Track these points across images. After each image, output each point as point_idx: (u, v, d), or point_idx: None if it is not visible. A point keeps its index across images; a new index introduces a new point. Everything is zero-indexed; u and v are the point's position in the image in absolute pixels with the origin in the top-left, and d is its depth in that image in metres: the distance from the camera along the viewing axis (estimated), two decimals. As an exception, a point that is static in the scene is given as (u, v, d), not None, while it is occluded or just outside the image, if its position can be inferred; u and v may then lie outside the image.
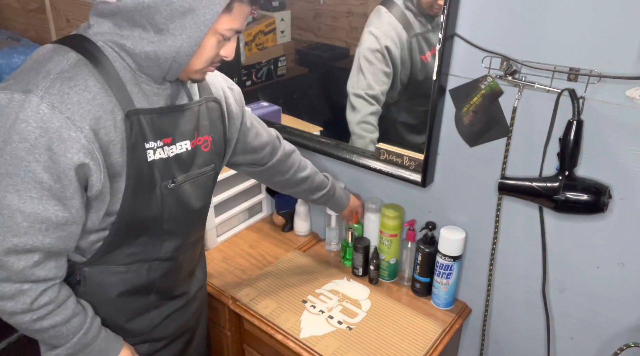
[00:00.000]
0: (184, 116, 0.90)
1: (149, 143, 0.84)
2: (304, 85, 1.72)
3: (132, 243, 0.91)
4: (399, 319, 1.28)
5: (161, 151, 0.86)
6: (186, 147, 0.91)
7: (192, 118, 0.92)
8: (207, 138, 0.96)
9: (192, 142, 0.92)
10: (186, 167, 0.92)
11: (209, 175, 1.00)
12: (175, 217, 0.93)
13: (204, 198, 1.00)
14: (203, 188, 0.99)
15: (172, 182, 0.89)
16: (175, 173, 0.90)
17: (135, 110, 0.80)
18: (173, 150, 0.89)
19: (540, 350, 1.26)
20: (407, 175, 1.29)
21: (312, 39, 1.58)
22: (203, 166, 0.97)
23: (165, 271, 0.99)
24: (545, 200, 1.05)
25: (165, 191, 0.89)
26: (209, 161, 0.98)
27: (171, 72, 0.81)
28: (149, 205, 0.88)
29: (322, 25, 1.52)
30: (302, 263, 1.49)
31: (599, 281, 1.10)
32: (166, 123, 0.87)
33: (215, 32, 0.79)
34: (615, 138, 0.98)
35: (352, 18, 1.42)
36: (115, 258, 0.91)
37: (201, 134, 0.94)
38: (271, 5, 1.59)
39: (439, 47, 1.09)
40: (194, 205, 0.97)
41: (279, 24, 1.61)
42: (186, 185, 0.93)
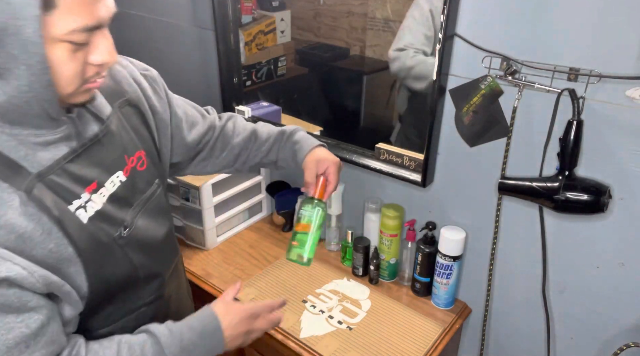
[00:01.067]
0: (103, 146, 0.73)
1: (73, 204, 0.68)
2: (304, 85, 1.72)
3: (110, 304, 0.79)
4: (399, 319, 1.28)
5: (92, 204, 0.71)
6: (120, 180, 0.76)
7: (114, 142, 0.75)
8: (140, 155, 0.80)
9: (126, 169, 0.77)
10: (130, 201, 0.78)
11: (158, 193, 0.85)
12: (146, 259, 0.81)
13: (164, 221, 0.87)
14: (158, 211, 0.85)
15: (123, 227, 0.75)
16: (120, 216, 0.75)
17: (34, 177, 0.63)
18: (104, 192, 0.73)
19: (540, 350, 1.26)
20: (407, 175, 1.29)
21: (312, 39, 1.58)
22: (147, 188, 0.82)
23: (154, 312, 0.88)
24: (545, 200, 1.05)
25: (122, 241, 0.75)
26: (151, 178, 0.83)
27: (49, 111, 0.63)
28: (115, 266, 0.75)
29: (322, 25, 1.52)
30: (302, 263, 1.50)
31: (599, 281, 1.10)
32: (83, 167, 0.70)
33: (56, 41, 0.58)
34: (615, 138, 0.98)
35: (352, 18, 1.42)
36: (95, 324, 0.78)
37: (131, 153, 0.78)
38: (271, 5, 1.59)
39: (439, 47, 1.09)
40: (158, 236, 0.84)
41: (279, 24, 1.61)
42: (140, 221, 0.79)
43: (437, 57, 1.10)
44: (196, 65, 1.76)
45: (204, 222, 1.51)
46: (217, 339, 0.83)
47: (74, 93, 0.64)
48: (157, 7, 1.78)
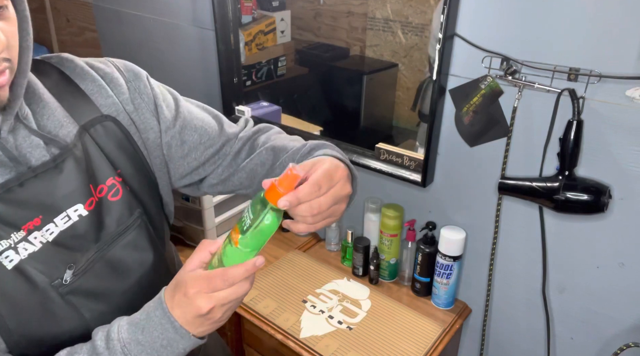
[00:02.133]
0: (58, 174, 0.61)
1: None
2: (304, 85, 1.72)
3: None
4: (399, 319, 1.28)
5: (26, 244, 0.58)
6: (78, 214, 0.62)
7: (76, 170, 0.62)
8: (112, 182, 0.66)
9: (89, 200, 0.63)
10: (89, 238, 0.64)
11: (138, 225, 0.69)
12: (102, 310, 0.66)
13: (146, 257, 0.70)
14: (134, 250, 0.69)
15: (72, 273, 0.62)
16: (69, 258, 0.62)
17: None
18: (52, 229, 0.60)
19: (540, 350, 1.26)
20: (407, 175, 1.29)
21: (312, 39, 1.58)
22: (121, 222, 0.67)
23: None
24: (545, 200, 1.05)
25: (64, 289, 0.61)
26: (129, 209, 0.68)
27: None
28: (48, 317, 0.61)
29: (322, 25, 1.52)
30: (302, 263, 1.49)
31: (599, 281, 1.10)
32: (21, 202, 0.58)
33: None
34: (615, 138, 0.98)
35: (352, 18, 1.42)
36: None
37: (101, 180, 0.65)
38: (271, 5, 1.59)
39: (439, 47, 1.09)
40: (126, 281, 0.68)
41: (279, 24, 1.61)
42: (100, 262, 0.65)
43: (437, 57, 1.10)
44: (196, 65, 1.76)
45: (204, 222, 1.51)
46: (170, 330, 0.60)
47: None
48: (157, 7, 1.78)
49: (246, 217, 0.61)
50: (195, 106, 0.81)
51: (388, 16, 1.38)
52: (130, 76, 0.73)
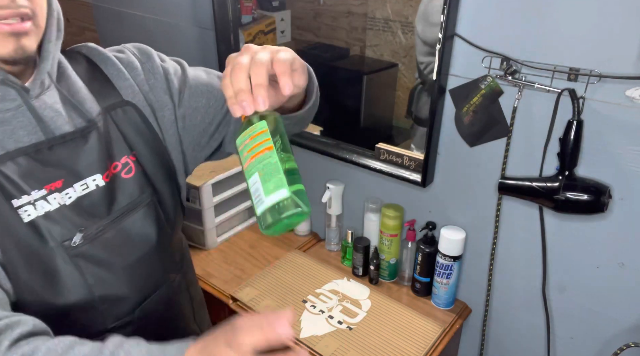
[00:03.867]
0: (80, 145, 0.66)
1: (20, 199, 0.61)
2: (304, 85, 1.71)
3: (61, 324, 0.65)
4: (399, 319, 1.28)
5: (44, 203, 0.63)
6: (96, 184, 0.67)
7: (97, 143, 0.68)
8: (126, 161, 0.71)
9: (106, 174, 0.69)
10: (100, 211, 0.68)
11: (147, 204, 0.73)
12: (106, 278, 0.69)
13: (146, 241, 0.74)
14: (141, 228, 0.73)
15: (82, 236, 0.66)
16: (82, 223, 0.66)
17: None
18: (70, 194, 0.65)
19: (540, 350, 1.26)
20: (407, 175, 1.29)
21: (312, 39, 1.58)
22: (131, 198, 0.71)
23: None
24: (545, 200, 1.05)
25: (73, 251, 0.65)
26: (140, 188, 0.72)
27: None
28: (56, 277, 0.65)
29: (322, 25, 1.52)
30: (302, 263, 1.49)
31: (599, 281, 1.10)
32: (47, 164, 0.63)
33: None
34: (615, 138, 0.98)
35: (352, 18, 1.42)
36: None
37: (117, 158, 0.70)
38: (271, 5, 1.59)
39: (438, 47, 1.09)
40: (132, 253, 0.72)
41: (279, 24, 1.61)
42: (110, 232, 0.69)
43: (437, 57, 1.10)
44: (196, 65, 1.75)
45: (204, 222, 1.51)
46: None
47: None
48: (157, 7, 1.78)
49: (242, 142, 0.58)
50: (201, 71, 0.85)
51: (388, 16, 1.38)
52: (143, 58, 0.78)
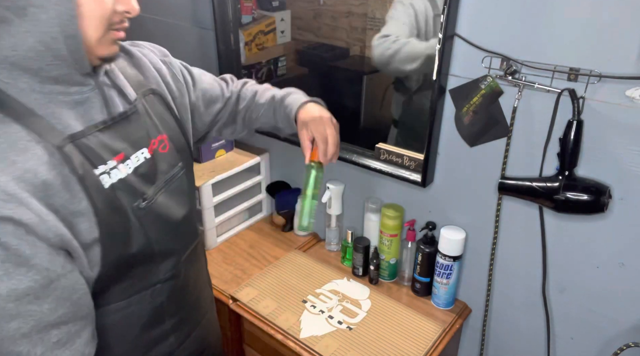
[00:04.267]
0: (131, 123, 0.78)
1: (98, 168, 0.71)
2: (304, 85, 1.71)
3: (125, 277, 0.79)
4: (399, 319, 1.28)
5: (117, 171, 0.74)
6: (144, 156, 0.80)
7: (140, 122, 0.80)
8: (162, 138, 0.85)
9: (149, 148, 0.81)
10: (152, 178, 0.81)
11: (180, 176, 0.88)
12: (162, 235, 0.83)
13: (185, 203, 0.89)
14: (180, 193, 0.88)
15: (142, 199, 0.78)
16: (142, 189, 0.78)
17: (68, 137, 0.67)
18: (130, 164, 0.77)
19: (540, 350, 1.26)
20: (407, 175, 1.29)
21: (312, 39, 1.58)
22: (169, 170, 0.85)
23: (170, 291, 0.88)
24: (545, 200, 1.05)
25: (139, 213, 0.77)
26: (174, 161, 0.87)
27: (76, 56, 0.67)
28: (128, 234, 0.76)
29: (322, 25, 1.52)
30: (302, 263, 1.49)
31: (599, 281, 1.10)
32: (113, 138, 0.74)
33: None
34: (615, 138, 0.98)
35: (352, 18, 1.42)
36: (111, 297, 0.79)
37: (154, 136, 0.83)
38: (271, 5, 1.59)
39: (439, 47, 1.09)
40: (176, 215, 0.86)
41: (279, 24, 1.61)
42: (160, 197, 0.82)
43: (437, 57, 1.10)
44: (196, 65, 1.75)
45: (204, 222, 1.51)
46: None
47: (100, 40, 0.69)
48: (157, 7, 1.78)
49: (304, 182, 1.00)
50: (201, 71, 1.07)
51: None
52: (161, 53, 0.96)
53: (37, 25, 0.62)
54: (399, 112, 1.41)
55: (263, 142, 1.68)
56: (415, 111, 1.37)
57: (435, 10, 1.24)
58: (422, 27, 1.26)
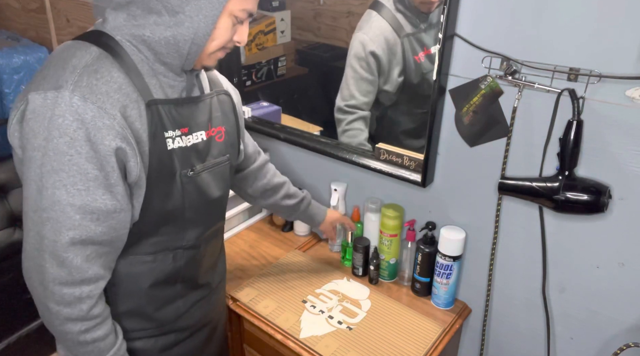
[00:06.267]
0: (198, 107, 0.93)
1: (168, 133, 0.86)
2: (304, 85, 1.72)
3: (157, 232, 0.92)
4: (399, 319, 1.28)
5: (179, 140, 0.89)
6: (202, 137, 0.94)
7: (205, 110, 0.95)
8: (220, 130, 0.99)
9: (207, 133, 0.96)
10: (203, 157, 0.95)
11: (225, 165, 1.02)
12: (196, 205, 0.96)
13: (221, 188, 1.02)
14: (220, 178, 1.01)
15: (191, 170, 0.92)
16: (193, 162, 0.92)
17: (154, 100, 0.83)
18: (190, 139, 0.91)
19: (540, 350, 1.26)
20: (407, 175, 1.29)
21: (312, 39, 1.58)
22: (218, 156, 0.99)
23: (189, 259, 1.00)
24: (545, 200, 1.05)
25: (185, 179, 0.91)
26: (224, 151, 1.01)
27: (189, 58, 0.84)
28: (170, 193, 0.90)
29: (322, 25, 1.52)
30: (302, 263, 1.49)
31: (599, 281, 1.10)
32: (183, 114, 0.90)
33: (230, 12, 0.82)
34: (615, 138, 0.98)
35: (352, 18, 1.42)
36: (142, 248, 0.93)
37: (214, 125, 0.98)
38: (271, 5, 1.59)
39: (439, 47, 1.09)
40: (212, 194, 0.99)
41: (279, 24, 1.61)
42: (204, 174, 0.96)
43: (437, 57, 1.10)
44: (196, 65, 1.75)
45: (204, 222, 1.51)
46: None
47: (210, 55, 0.87)
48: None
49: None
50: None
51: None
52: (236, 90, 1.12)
53: (180, 27, 0.79)
54: (373, 127, 1.43)
55: (263, 142, 1.68)
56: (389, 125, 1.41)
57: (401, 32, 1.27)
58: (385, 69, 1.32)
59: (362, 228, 1.47)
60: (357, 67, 1.32)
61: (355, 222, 1.46)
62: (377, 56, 1.29)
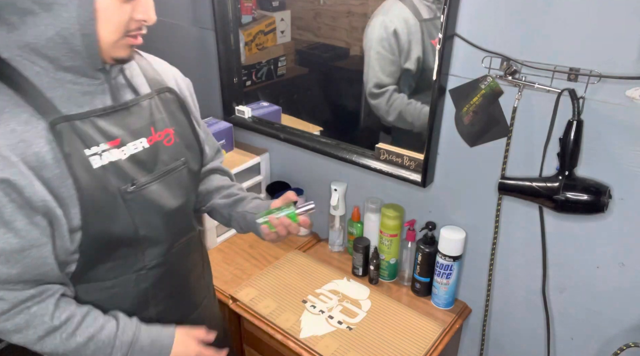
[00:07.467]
0: (132, 113, 0.84)
1: (90, 149, 0.77)
2: (304, 85, 1.72)
3: (110, 257, 0.85)
4: (399, 319, 1.28)
5: (109, 154, 0.80)
6: (143, 146, 0.85)
7: (143, 114, 0.86)
8: (168, 132, 0.90)
9: (150, 139, 0.87)
10: (149, 166, 0.86)
11: (181, 170, 0.92)
12: (148, 221, 0.87)
13: (180, 196, 0.92)
14: (177, 186, 0.92)
15: (132, 184, 0.82)
16: (134, 175, 0.83)
17: (62, 116, 0.74)
18: (125, 151, 0.82)
19: (540, 350, 1.26)
20: (407, 175, 1.29)
21: (312, 39, 1.58)
22: (171, 162, 0.90)
23: (156, 280, 0.93)
24: (545, 200, 1.05)
25: (127, 196, 0.82)
26: (178, 155, 0.92)
27: (89, 53, 0.73)
28: (113, 214, 0.81)
29: (322, 25, 1.52)
30: (302, 263, 1.49)
31: (599, 281, 1.10)
32: (110, 124, 0.80)
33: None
34: (615, 138, 0.98)
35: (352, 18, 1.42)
36: (98, 274, 0.85)
37: (159, 129, 0.88)
38: (271, 5, 1.59)
39: (439, 47, 1.09)
40: (168, 205, 0.89)
41: (279, 24, 1.61)
42: (154, 186, 0.87)
43: (437, 57, 1.10)
44: (196, 65, 1.75)
45: (204, 222, 1.51)
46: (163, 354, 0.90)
47: (116, 43, 0.75)
48: (157, 7, 1.77)
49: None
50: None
51: (388, 16, 1.37)
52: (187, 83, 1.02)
53: (59, 20, 0.68)
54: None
55: (263, 142, 1.68)
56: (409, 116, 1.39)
57: (419, 16, 1.26)
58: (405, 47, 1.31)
59: (362, 228, 1.47)
60: (380, 49, 1.31)
61: (355, 222, 1.46)
62: (398, 34, 1.28)
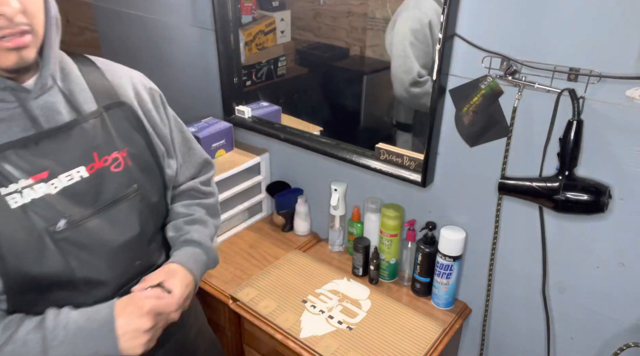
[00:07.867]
0: (69, 138, 0.73)
1: (7, 187, 0.68)
2: (304, 85, 1.72)
3: (42, 300, 0.75)
4: (399, 319, 1.28)
5: (32, 191, 0.70)
6: (80, 175, 0.75)
7: (83, 138, 0.75)
8: (116, 156, 0.79)
9: (90, 167, 0.76)
10: (88, 199, 0.76)
11: (132, 197, 0.81)
12: (87, 260, 0.76)
13: (131, 229, 0.81)
14: (127, 217, 0.80)
15: (65, 222, 0.72)
16: (67, 210, 0.73)
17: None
18: (56, 184, 0.72)
19: (540, 350, 1.26)
20: (407, 175, 1.29)
21: (312, 39, 1.58)
22: (120, 190, 0.79)
23: None
24: (545, 200, 1.05)
25: (58, 235, 0.72)
26: (129, 182, 0.80)
27: None
28: (40, 256, 0.71)
29: (322, 25, 1.52)
30: (302, 263, 1.49)
31: (599, 281, 1.10)
32: (35, 156, 0.70)
33: None
34: (615, 138, 0.98)
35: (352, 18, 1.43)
36: (40, 312, 0.76)
37: (105, 153, 0.77)
38: (271, 5, 1.59)
39: (439, 47, 1.09)
40: (114, 241, 0.78)
41: (279, 24, 1.61)
42: (94, 220, 0.76)
43: (437, 57, 1.10)
44: (196, 65, 1.75)
45: (204, 222, 1.50)
46: (107, 328, 0.75)
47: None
48: (157, 7, 1.78)
49: None
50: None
51: (388, 16, 1.38)
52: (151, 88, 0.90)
53: None
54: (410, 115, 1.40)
55: (263, 142, 1.68)
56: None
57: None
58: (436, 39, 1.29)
59: (362, 228, 1.47)
60: (414, 40, 1.30)
61: (355, 222, 1.46)
62: (432, 27, 1.27)
